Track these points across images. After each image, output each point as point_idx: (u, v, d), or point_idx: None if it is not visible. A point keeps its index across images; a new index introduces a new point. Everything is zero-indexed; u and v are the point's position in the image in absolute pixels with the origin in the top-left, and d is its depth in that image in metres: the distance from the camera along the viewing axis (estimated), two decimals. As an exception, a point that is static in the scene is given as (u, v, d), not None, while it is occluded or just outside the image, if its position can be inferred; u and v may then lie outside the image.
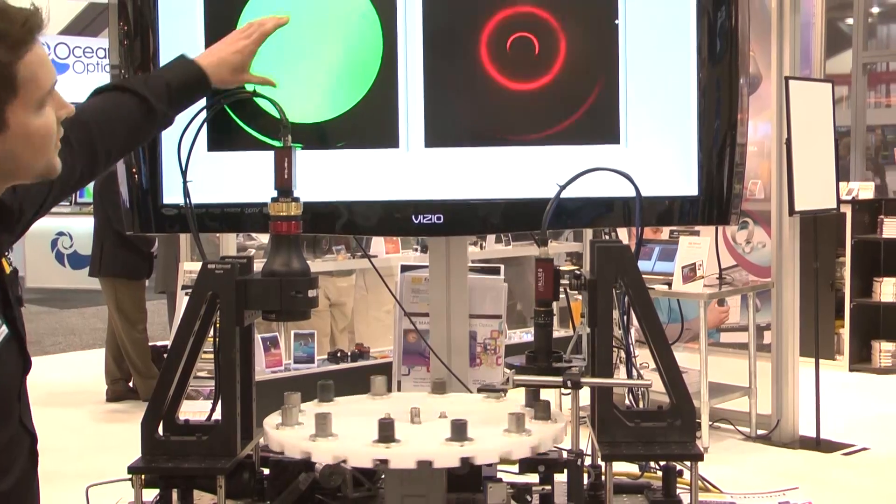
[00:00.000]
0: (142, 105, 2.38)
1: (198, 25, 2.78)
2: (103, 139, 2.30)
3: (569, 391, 2.29)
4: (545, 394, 2.41)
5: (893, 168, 10.44)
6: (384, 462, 2.09)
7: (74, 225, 15.43)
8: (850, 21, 14.05)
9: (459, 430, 2.13)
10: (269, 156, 2.36)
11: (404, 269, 3.20)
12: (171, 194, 2.79)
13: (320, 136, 2.77)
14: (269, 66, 2.73)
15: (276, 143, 2.41)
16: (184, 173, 2.52)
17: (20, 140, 1.89)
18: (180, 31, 2.79)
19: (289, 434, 2.22)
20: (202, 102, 2.64)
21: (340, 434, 2.18)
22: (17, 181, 1.98)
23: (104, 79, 17.11)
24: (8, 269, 2.02)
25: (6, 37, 1.85)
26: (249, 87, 2.66)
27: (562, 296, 2.44)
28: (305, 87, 2.78)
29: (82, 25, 18.91)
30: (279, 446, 2.21)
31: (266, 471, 2.40)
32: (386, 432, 2.12)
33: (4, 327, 1.93)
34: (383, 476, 2.33)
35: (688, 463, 2.24)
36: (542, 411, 2.31)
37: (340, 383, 2.54)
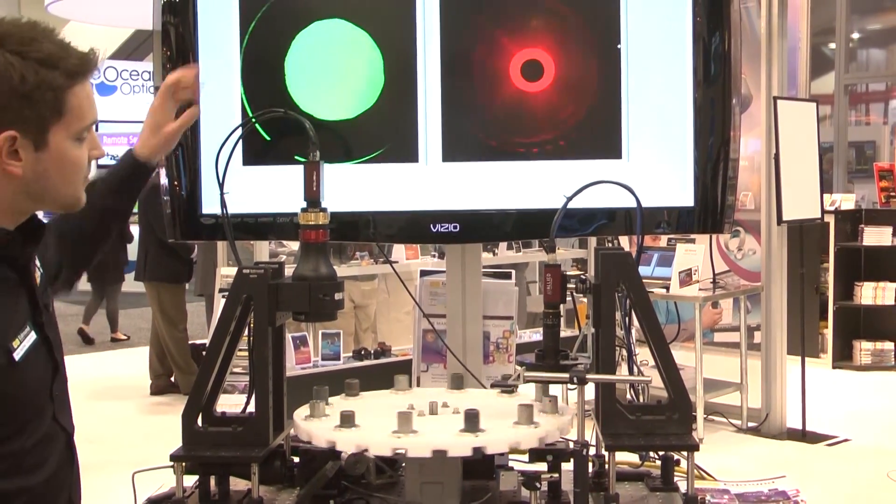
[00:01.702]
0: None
1: (233, 50, 2.79)
2: (58, 251, 2.24)
3: (575, 387, 2.28)
4: (553, 389, 2.40)
5: (871, 181, 10.43)
6: (403, 451, 2.08)
7: (121, 233, 15.47)
8: (832, 46, 14.00)
9: (472, 422, 2.12)
10: (298, 170, 2.36)
11: (423, 273, 3.19)
12: (210, 205, 2.79)
13: (345, 145, 2.77)
14: (307, 84, 2.75)
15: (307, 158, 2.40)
16: (221, 186, 2.51)
17: (55, 163, 1.88)
18: (218, 56, 2.80)
19: (316, 425, 2.21)
20: (237, 120, 2.64)
21: (363, 426, 2.17)
22: (44, 206, 1.96)
23: (149, 99, 17.19)
24: (38, 280, 2.01)
25: (64, 65, 1.86)
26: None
27: (568, 298, 2.43)
28: (334, 94, 2.78)
29: (130, 50, 18.99)
30: (307, 436, 2.21)
31: (296, 459, 2.39)
32: (405, 424, 2.11)
33: (33, 333, 1.91)
34: (403, 464, 2.32)
35: (685, 453, 2.23)
36: (550, 405, 2.30)
37: (364, 379, 2.53)
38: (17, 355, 1.85)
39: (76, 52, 1.91)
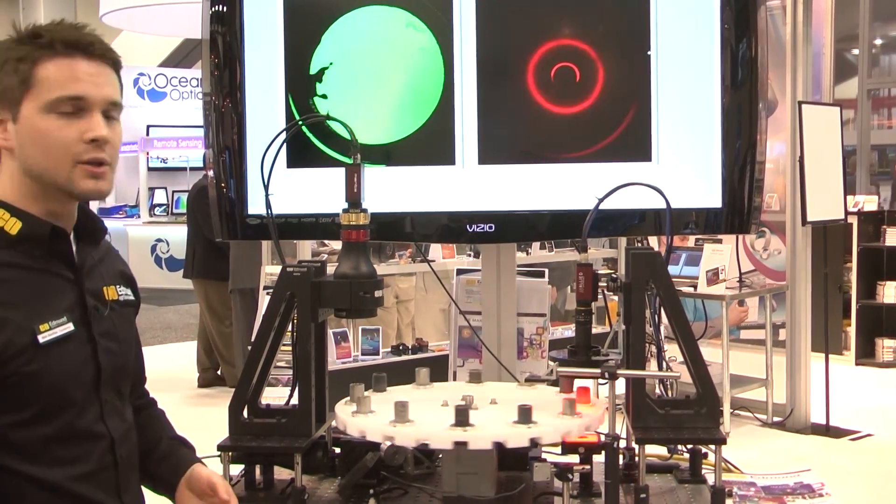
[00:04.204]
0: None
1: (278, 58, 2.80)
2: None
3: (606, 381, 2.27)
4: (585, 384, 2.39)
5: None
6: (464, 444, 2.06)
7: (171, 233, 15.60)
8: (855, 51, 13.85)
9: (525, 415, 2.11)
10: (340, 172, 2.36)
11: (459, 272, 3.19)
12: (255, 206, 2.80)
13: (387, 155, 2.77)
14: (346, 94, 2.75)
15: (347, 161, 2.40)
16: (266, 187, 2.52)
17: (28, 135, 1.86)
18: (263, 63, 2.81)
19: (370, 420, 2.19)
20: (282, 124, 2.65)
21: (416, 420, 2.15)
22: (42, 186, 1.89)
23: (198, 105, 17.29)
24: (118, 295, 2.05)
25: (41, 40, 1.86)
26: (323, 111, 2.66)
27: (599, 296, 2.42)
28: (376, 112, 2.78)
29: (179, 58, 19.09)
30: (359, 432, 2.17)
31: (337, 450, 2.39)
32: (462, 418, 2.10)
33: (71, 326, 1.88)
34: (440, 455, 2.32)
35: (712, 446, 2.22)
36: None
37: (403, 373, 2.53)
38: (42, 339, 1.83)
39: (59, 27, 1.89)
